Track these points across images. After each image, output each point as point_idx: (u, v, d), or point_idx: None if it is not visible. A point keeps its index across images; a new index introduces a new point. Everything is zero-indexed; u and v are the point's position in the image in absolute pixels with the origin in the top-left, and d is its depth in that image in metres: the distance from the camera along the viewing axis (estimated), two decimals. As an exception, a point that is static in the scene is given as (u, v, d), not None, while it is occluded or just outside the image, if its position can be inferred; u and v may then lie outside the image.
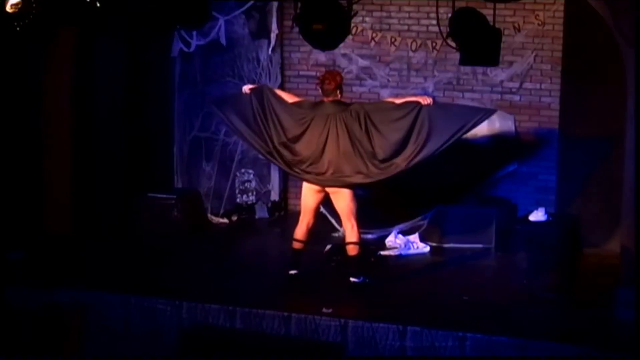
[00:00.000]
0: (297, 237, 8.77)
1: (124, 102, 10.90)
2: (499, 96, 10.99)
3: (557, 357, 7.29)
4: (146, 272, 9.22)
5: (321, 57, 11.39)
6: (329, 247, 9.67)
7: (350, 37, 10.14)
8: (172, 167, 11.83)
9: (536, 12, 10.74)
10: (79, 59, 9.91)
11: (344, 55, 11.39)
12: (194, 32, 11.22)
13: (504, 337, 7.46)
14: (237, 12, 11.33)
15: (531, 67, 10.86)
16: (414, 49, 11.20)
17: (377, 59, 11.38)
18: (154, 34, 10.25)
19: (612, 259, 8.69)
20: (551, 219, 9.22)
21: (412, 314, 7.99)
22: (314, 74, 11.19)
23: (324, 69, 10.73)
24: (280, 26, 11.43)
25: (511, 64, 10.86)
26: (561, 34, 10.57)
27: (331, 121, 8.54)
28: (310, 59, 11.57)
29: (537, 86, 10.87)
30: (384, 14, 11.29)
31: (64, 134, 9.92)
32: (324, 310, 7.97)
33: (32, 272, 9.08)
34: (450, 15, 8.57)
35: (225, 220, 11.46)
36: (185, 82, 11.73)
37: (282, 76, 11.63)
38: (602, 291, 8.33)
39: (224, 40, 11.33)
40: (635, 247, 7.84)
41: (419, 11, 11.15)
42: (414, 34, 11.20)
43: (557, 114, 10.67)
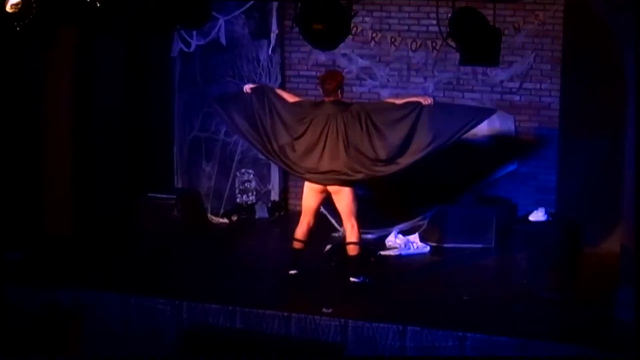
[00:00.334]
0: (298, 237, 8.78)
1: (124, 102, 10.91)
2: (499, 96, 10.99)
3: (557, 357, 7.29)
4: (146, 272, 9.22)
5: (321, 57, 11.39)
6: (329, 247, 9.67)
7: (350, 37, 10.14)
8: (172, 167, 11.83)
9: (536, 12, 10.75)
10: (79, 59, 9.90)
11: (344, 55, 11.39)
12: (194, 32, 11.21)
13: (504, 337, 7.46)
14: (237, 12, 11.32)
15: (531, 67, 10.87)
16: (414, 49, 11.20)
17: (377, 59, 11.38)
18: (154, 34, 10.24)
19: (612, 259, 8.69)
20: (551, 219, 9.22)
21: (412, 314, 7.99)
22: (314, 74, 11.20)
23: (324, 69, 10.74)
24: (280, 26, 11.42)
25: (511, 64, 10.86)
26: (561, 34, 10.57)
27: (331, 121, 8.55)
28: (310, 59, 11.57)
29: (537, 86, 10.88)
30: (384, 14, 11.30)
31: (64, 134, 9.91)
32: (324, 310, 7.97)
33: (32, 272, 9.08)
34: (450, 15, 8.57)
35: (225, 220, 11.46)
36: (185, 82, 11.73)
37: (282, 76, 11.63)
38: (602, 291, 8.33)
39: (224, 40, 11.32)
40: (635, 247, 7.84)
41: (419, 11, 11.16)
42: (414, 34, 11.20)
43: (557, 114, 10.68)
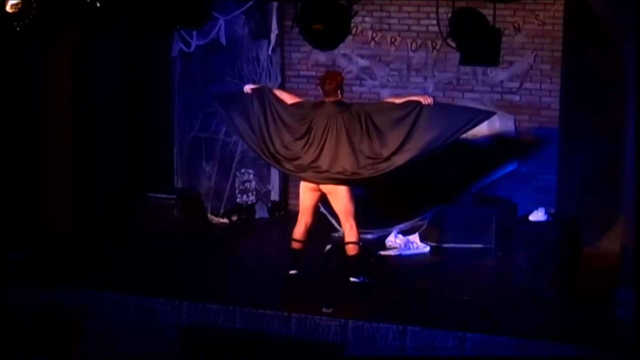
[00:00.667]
0: (296, 237, 8.79)
1: (124, 102, 10.91)
2: (499, 96, 10.99)
3: (557, 357, 7.29)
4: (146, 272, 9.22)
5: (321, 57, 11.39)
6: (329, 247, 9.67)
7: (350, 37, 10.14)
8: (172, 167, 11.83)
9: (536, 12, 10.75)
10: (79, 59, 9.90)
11: (344, 55, 11.39)
12: (194, 32, 11.22)
13: (504, 337, 7.46)
14: (237, 12, 11.33)
15: (531, 67, 10.86)
16: (414, 49, 11.20)
17: (377, 59, 11.38)
18: (154, 34, 10.24)
19: (612, 259, 8.68)
20: (551, 219, 9.21)
21: (412, 314, 7.99)
22: (314, 74, 11.20)
23: (324, 69, 10.75)
24: (280, 26, 11.43)
25: (511, 64, 10.86)
26: (561, 34, 10.56)
27: (332, 121, 8.55)
28: (310, 59, 11.57)
29: (537, 86, 10.87)
30: (384, 14, 11.29)
31: (64, 134, 9.91)
32: (324, 310, 7.97)
33: (32, 272, 9.08)
34: (450, 15, 8.57)
35: (225, 220, 11.46)
36: (185, 82, 11.73)
37: (282, 76, 11.63)
38: (602, 291, 8.33)
39: (224, 40, 11.33)
40: (635, 247, 7.84)
41: (419, 11, 11.15)
42: (414, 34, 11.20)
43: (557, 114, 10.68)
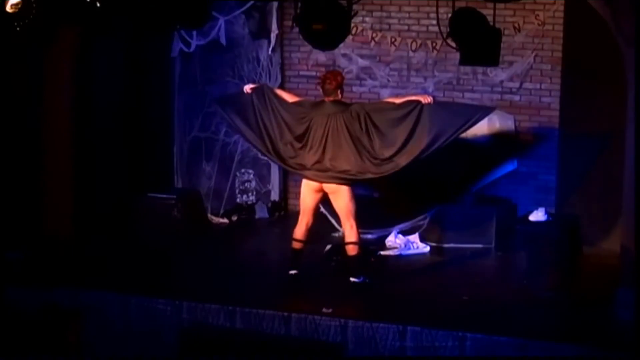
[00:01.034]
0: (297, 237, 8.78)
1: (124, 102, 10.90)
2: (499, 96, 10.98)
3: (557, 357, 7.29)
4: (146, 272, 9.22)
5: (321, 57, 11.39)
6: (329, 247, 9.67)
7: (350, 37, 10.13)
8: (172, 167, 11.83)
9: (536, 12, 10.74)
10: (79, 59, 9.90)
11: (344, 55, 11.39)
12: (194, 32, 11.21)
13: (504, 337, 7.46)
14: (237, 12, 11.32)
15: (531, 67, 10.86)
16: (414, 49, 11.20)
17: (377, 59, 11.38)
18: (154, 34, 10.24)
19: (612, 259, 8.69)
20: (551, 219, 9.22)
21: (412, 314, 7.99)
22: (314, 74, 11.20)
23: (324, 69, 10.74)
24: (280, 26, 11.42)
25: (511, 64, 10.86)
26: (561, 34, 10.56)
27: (331, 120, 8.56)
28: (310, 59, 11.57)
29: (537, 86, 10.87)
30: (384, 14, 11.29)
31: (64, 134, 9.91)
32: (324, 310, 7.97)
33: (32, 272, 9.08)
34: (450, 15, 8.56)
35: (225, 220, 11.46)
36: (185, 82, 11.73)
37: (282, 76, 11.63)
38: (602, 291, 8.33)
39: (224, 40, 11.32)
40: (635, 247, 7.83)
41: (419, 11, 11.15)
42: (414, 34, 11.20)
43: (557, 114, 10.68)
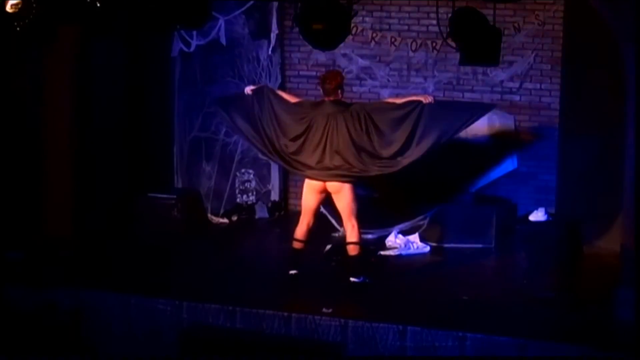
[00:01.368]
0: (297, 237, 8.78)
1: (124, 102, 10.90)
2: (499, 96, 10.99)
3: (557, 357, 7.29)
4: (146, 272, 9.22)
5: (321, 57, 11.39)
6: (329, 247, 9.67)
7: (350, 37, 10.13)
8: (172, 167, 11.83)
9: (536, 12, 10.75)
10: (79, 59, 9.90)
11: (344, 55, 11.39)
12: (194, 32, 11.21)
13: (504, 337, 7.46)
14: (237, 12, 11.32)
15: (531, 67, 10.87)
16: (414, 49, 11.20)
17: (377, 59, 11.38)
18: (154, 34, 10.23)
19: (612, 259, 8.69)
20: (551, 219, 9.22)
21: (412, 314, 7.99)
22: (314, 74, 11.20)
23: (324, 69, 10.74)
24: (280, 26, 11.42)
25: (511, 64, 10.87)
26: (561, 34, 10.57)
27: (331, 120, 8.56)
28: (310, 59, 11.57)
29: (537, 86, 10.88)
30: (384, 14, 11.30)
31: (64, 134, 9.91)
32: (324, 310, 7.97)
33: (32, 272, 9.08)
34: (450, 15, 8.56)
35: (225, 220, 11.46)
36: (185, 82, 11.73)
37: (282, 76, 11.63)
38: (602, 291, 8.32)
39: (224, 40, 11.32)
40: (635, 247, 7.84)
41: (419, 11, 11.16)
42: (414, 34, 11.20)
43: (557, 114, 10.69)
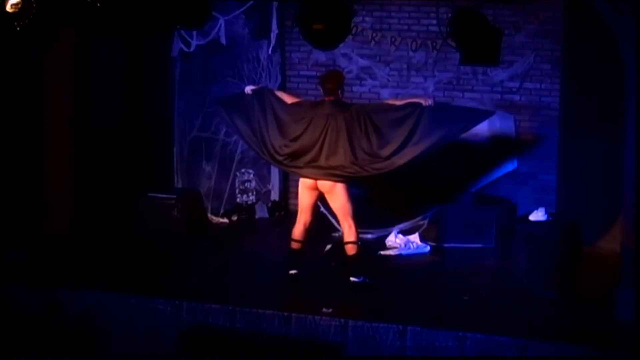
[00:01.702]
0: (295, 237, 8.79)
1: (124, 102, 10.90)
2: (499, 96, 10.98)
3: (557, 357, 7.29)
4: (146, 272, 9.22)
5: (321, 57, 11.39)
6: (328, 247, 9.67)
7: (350, 37, 10.14)
8: (172, 167, 11.83)
9: (536, 12, 10.74)
10: (79, 59, 9.91)
11: (344, 55, 11.39)
12: (194, 32, 11.22)
13: (504, 337, 7.45)
14: (237, 12, 11.32)
15: (531, 67, 10.86)
16: (414, 48, 11.20)
17: (377, 58, 11.38)
18: (154, 34, 10.24)
19: (612, 259, 8.68)
20: (551, 219, 9.24)
21: (412, 314, 7.99)
22: (314, 74, 11.20)
23: (324, 69, 10.74)
24: (280, 26, 11.42)
25: (511, 63, 10.86)
26: (561, 34, 10.56)
27: (331, 120, 8.55)
28: (310, 59, 11.57)
29: (537, 86, 10.87)
30: (384, 14, 11.29)
31: (64, 134, 9.92)
32: (324, 310, 7.97)
33: (32, 272, 9.08)
34: (450, 15, 8.57)
35: (225, 220, 11.46)
36: (185, 82, 11.73)
37: (282, 76, 11.63)
38: (602, 291, 8.32)
39: (224, 40, 11.32)
40: (635, 247, 7.84)
41: (419, 11, 11.15)
42: (414, 34, 11.19)
43: (557, 114, 10.68)
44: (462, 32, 8.43)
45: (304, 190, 8.72)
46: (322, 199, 8.88)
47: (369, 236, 10.20)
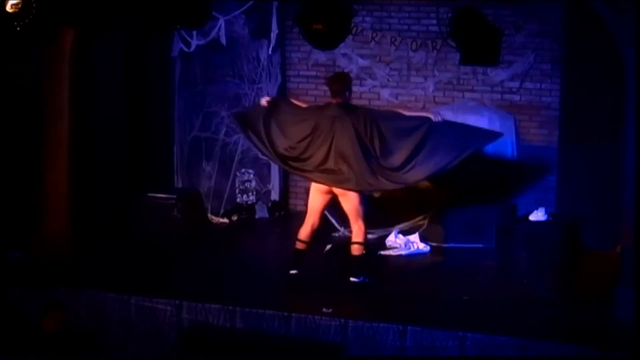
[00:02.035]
0: (301, 238, 8.78)
1: (124, 102, 10.89)
2: (499, 96, 10.99)
3: (557, 357, 7.29)
4: (146, 272, 9.22)
5: (321, 57, 11.39)
6: (329, 247, 9.67)
7: (350, 37, 10.14)
8: (172, 167, 11.83)
9: (536, 12, 10.74)
10: (79, 59, 9.89)
11: (344, 55, 11.39)
12: (194, 32, 11.21)
13: (504, 337, 7.46)
14: (237, 12, 11.32)
15: (531, 67, 10.86)
16: (414, 48, 11.19)
17: (377, 58, 11.38)
18: (154, 34, 10.24)
19: (612, 259, 8.68)
20: (551, 218, 9.23)
21: (412, 314, 7.99)
22: (314, 73, 11.22)
23: (324, 69, 10.77)
24: (280, 26, 11.42)
25: (511, 63, 10.86)
26: (561, 34, 10.56)
27: (337, 123, 8.51)
28: (310, 59, 11.57)
29: (537, 86, 10.88)
30: (384, 14, 11.29)
31: (64, 134, 9.90)
32: (324, 310, 7.97)
33: (32, 272, 9.08)
34: (450, 15, 8.57)
35: (225, 220, 11.46)
36: (185, 82, 11.73)
37: (283, 76, 11.63)
38: (602, 291, 8.32)
39: (224, 40, 11.31)
40: (635, 247, 7.84)
41: (419, 11, 11.15)
42: (414, 34, 11.19)
43: (557, 113, 10.68)
44: (462, 32, 8.43)
45: (317, 193, 8.70)
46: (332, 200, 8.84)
47: (370, 236, 10.16)
